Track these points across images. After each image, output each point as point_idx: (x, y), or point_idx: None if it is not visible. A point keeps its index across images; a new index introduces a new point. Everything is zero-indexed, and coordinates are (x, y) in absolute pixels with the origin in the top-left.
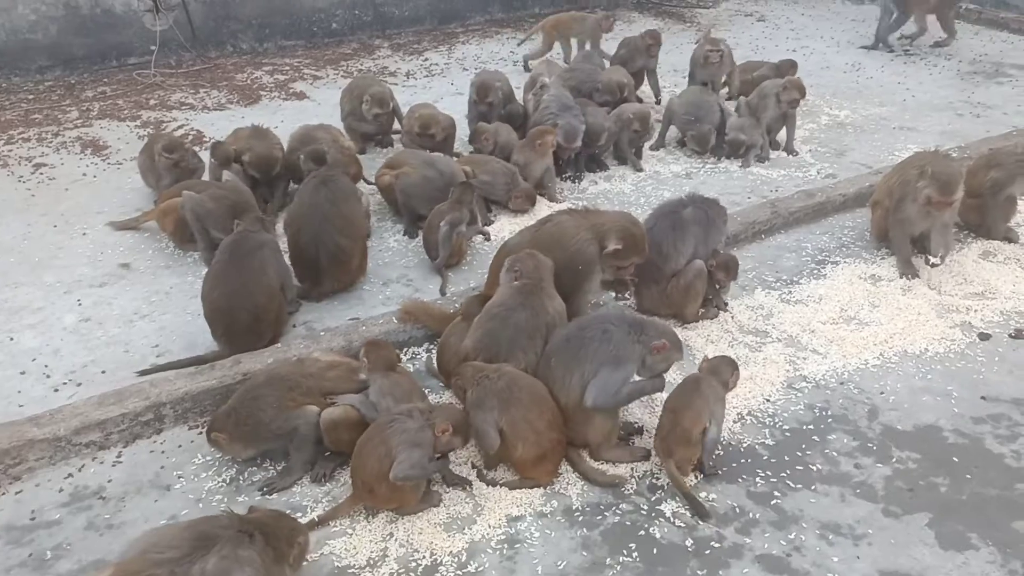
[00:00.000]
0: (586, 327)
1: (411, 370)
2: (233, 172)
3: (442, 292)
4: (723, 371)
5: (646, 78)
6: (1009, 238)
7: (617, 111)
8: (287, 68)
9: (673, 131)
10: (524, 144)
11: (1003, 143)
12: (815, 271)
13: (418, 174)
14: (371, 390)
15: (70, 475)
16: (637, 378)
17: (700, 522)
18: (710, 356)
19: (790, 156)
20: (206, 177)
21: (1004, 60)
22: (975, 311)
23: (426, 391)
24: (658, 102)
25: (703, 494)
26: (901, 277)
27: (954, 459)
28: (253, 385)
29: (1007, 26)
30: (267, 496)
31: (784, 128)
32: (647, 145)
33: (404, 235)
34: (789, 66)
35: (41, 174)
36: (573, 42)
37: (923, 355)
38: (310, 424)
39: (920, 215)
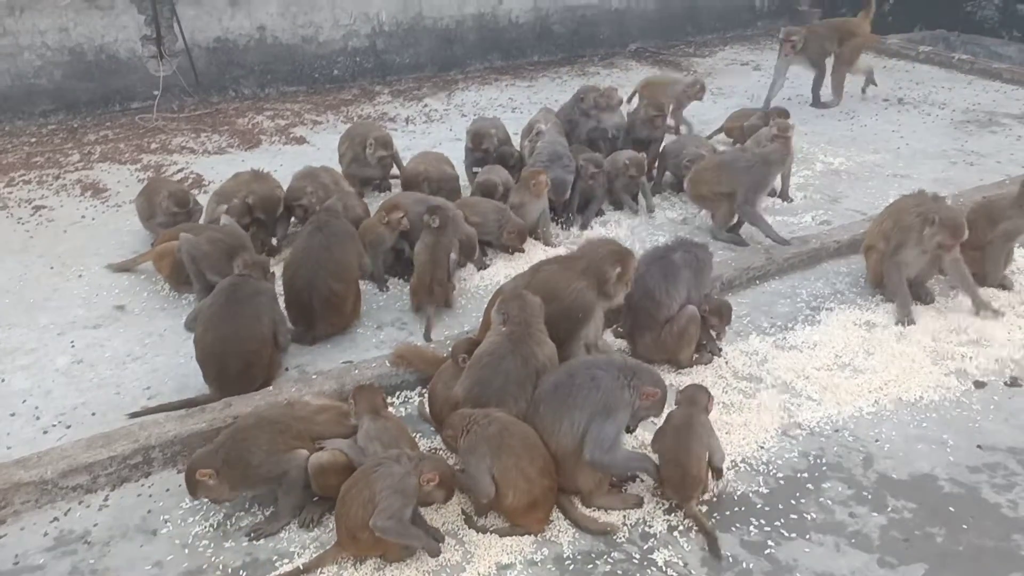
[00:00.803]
0: (575, 373)
1: (403, 414)
2: (230, 214)
3: (427, 338)
4: (700, 399)
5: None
6: (1004, 285)
7: (611, 157)
8: (288, 113)
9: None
10: (519, 186)
11: (996, 191)
12: (809, 317)
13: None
14: (359, 434)
15: (56, 519)
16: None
17: (715, 558)
18: (686, 389)
19: (785, 202)
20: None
21: (997, 109)
22: (970, 359)
23: (418, 436)
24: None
25: (695, 545)
26: (897, 324)
27: (950, 509)
28: (242, 427)
29: (1000, 76)
30: (254, 541)
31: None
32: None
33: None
34: (780, 115)
35: (40, 216)
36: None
37: (918, 403)
38: (299, 468)
39: (919, 259)
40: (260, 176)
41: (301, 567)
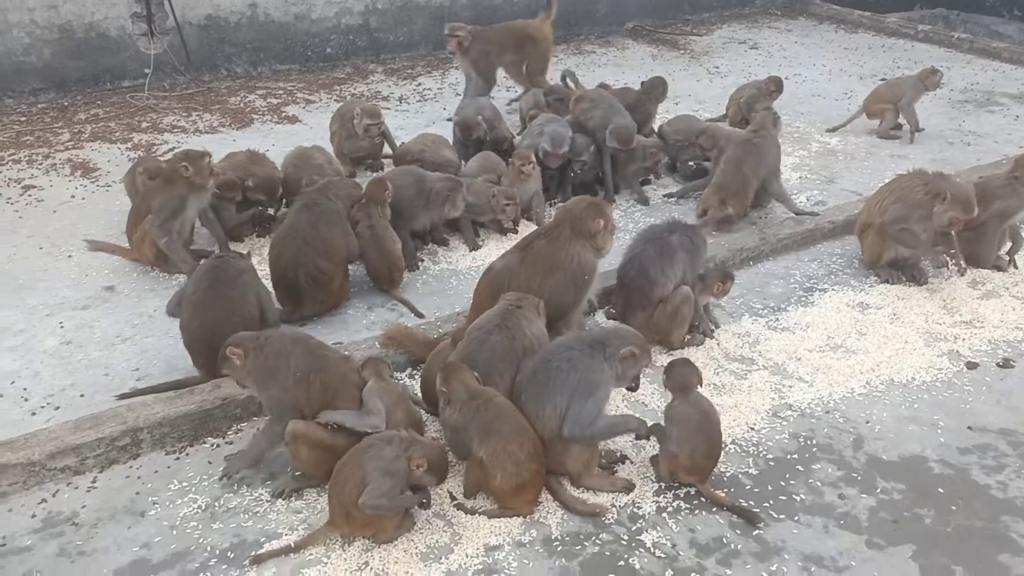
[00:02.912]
0: (551, 357)
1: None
2: (220, 189)
3: (418, 315)
4: (694, 379)
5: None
6: (999, 267)
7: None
8: (280, 92)
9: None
10: (510, 170)
11: (993, 171)
12: (803, 298)
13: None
14: (364, 392)
15: (43, 500)
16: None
17: (755, 526)
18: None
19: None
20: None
21: (995, 89)
22: (963, 340)
23: None
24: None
25: (683, 526)
26: (938, 267)
27: (939, 490)
28: (299, 338)
29: (999, 55)
30: (227, 523)
31: None
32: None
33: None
34: (773, 83)
35: (30, 196)
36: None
37: (910, 384)
38: (285, 429)
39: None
40: (256, 158)
41: (292, 544)
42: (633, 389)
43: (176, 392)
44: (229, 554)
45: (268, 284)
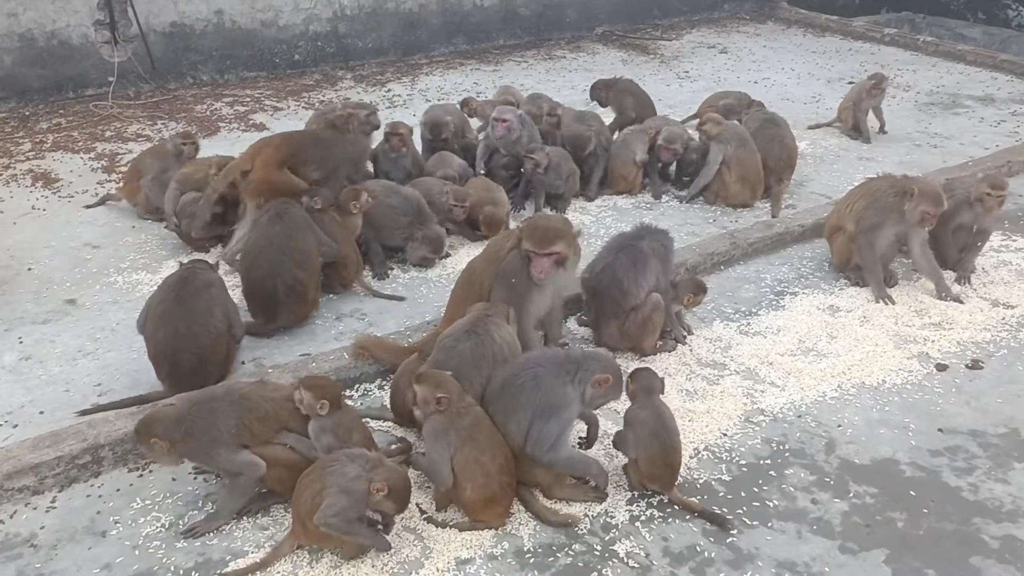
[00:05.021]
0: (519, 372)
1: (361, 408)
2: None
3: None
4: (656, 384)
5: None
6: (965, 267)
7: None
8: (248, 99)
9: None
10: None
11: (959, 173)
12: (774, 302)
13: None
14: (310, 427)
15: (0, 522)
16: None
17: (727, 531)
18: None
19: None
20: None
21: (961, 91)
22: (932, 342)
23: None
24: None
25: (657, 535)
26: (878, 301)
27: (911, 493)
28: (211, 397)
29: (963, 58)
30: (191, 540)
31: None
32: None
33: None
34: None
35: None
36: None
37: (880, 387)
38: (252, 480)
39: (891, 241)
40: (225, 163)
41: (258, 562)
42: (587, 415)
43: (139, 407)
44: (193, 573)
45: (235, 295)
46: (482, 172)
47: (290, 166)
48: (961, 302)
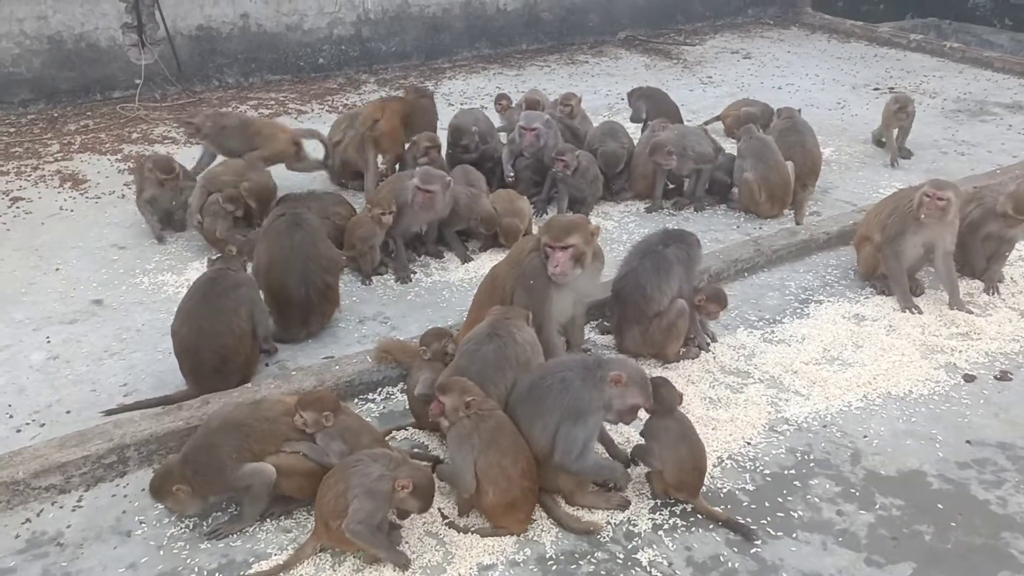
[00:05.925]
0: (546, 375)
1: (385, 411)
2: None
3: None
4: (675, 398)
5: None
6: (992, 277)
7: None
8: (272, 102)
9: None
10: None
11: (987, 181)
12: (798, 310)
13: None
14: (317, 436)
15: (28, 520)
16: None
17: (751, 542)
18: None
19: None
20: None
21: (988, 99)
22: (960, 352)
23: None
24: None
25: (680, 544)
26: (904, 311)
27: (939, 506)
28: (207, 432)
29: (991, 65)
30: (215, 541)
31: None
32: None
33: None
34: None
35: (18, 208)
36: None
37: (907, 397)
38: (265, 484)
39: (915, 249)
40: (254, 165)
41: (281, 564)
42: (627, 422)
43: (164, 408)
44: (217, 575)
45: None
46: (511, 177)
47: (404, 124)
48: (971, 313)
